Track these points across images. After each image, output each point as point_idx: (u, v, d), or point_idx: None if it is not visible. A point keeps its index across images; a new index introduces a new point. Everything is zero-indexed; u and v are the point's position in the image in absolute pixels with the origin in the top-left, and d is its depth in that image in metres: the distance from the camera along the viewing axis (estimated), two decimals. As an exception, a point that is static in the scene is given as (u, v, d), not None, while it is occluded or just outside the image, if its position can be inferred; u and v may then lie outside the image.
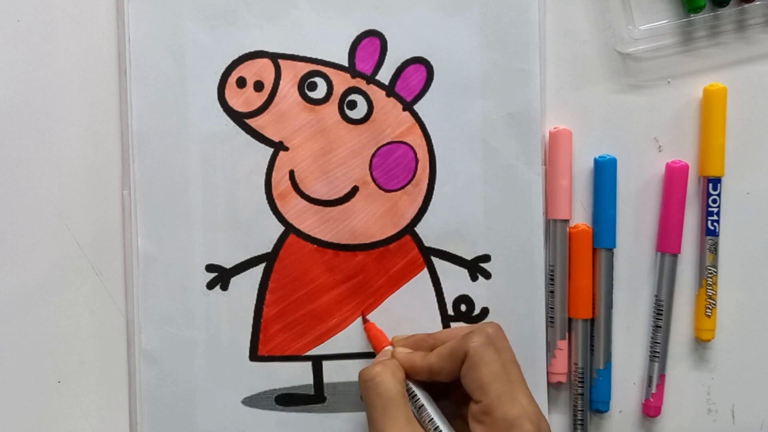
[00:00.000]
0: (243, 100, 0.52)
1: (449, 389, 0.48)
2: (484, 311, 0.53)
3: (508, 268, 0.53)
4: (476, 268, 0.53)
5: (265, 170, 0.52)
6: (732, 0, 0.52)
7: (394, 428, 0.44)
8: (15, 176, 0.52)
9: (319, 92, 0.52)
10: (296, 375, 0.53)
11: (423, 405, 0.47)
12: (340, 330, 0.53)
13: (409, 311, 0.53)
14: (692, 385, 0.55)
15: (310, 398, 0.53)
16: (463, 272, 0.53)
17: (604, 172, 0.53)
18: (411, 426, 0.45)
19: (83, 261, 0.52)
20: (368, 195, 0.53)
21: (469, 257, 0.53)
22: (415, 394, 0.47)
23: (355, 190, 0.53)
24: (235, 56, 0.52)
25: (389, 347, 0.50)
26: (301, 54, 0.52)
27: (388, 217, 0.53)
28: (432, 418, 0.46)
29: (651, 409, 0.54)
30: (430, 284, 0.53)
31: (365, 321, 0.52)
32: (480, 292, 0.53)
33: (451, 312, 0.53)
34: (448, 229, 0.53)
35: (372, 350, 0.52)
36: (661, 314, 0.53)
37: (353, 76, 0.52)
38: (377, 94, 0.52)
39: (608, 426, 0.55)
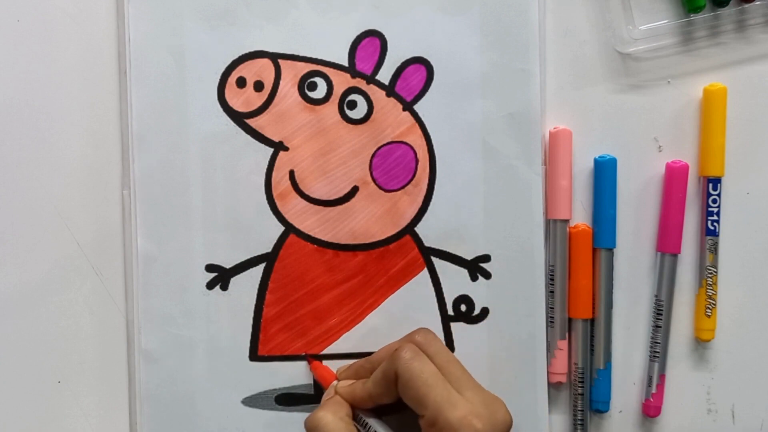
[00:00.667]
0: (243, 100, 0.52)
1: (403, 406, 0.47)
2: (484, 311, 0.53)
3: (508, 268, 0.53)
4: (476, 268, 0.53)
5: (265, 170, 0.52)
6: (732, 0, 0.52)
7: None
8: (15, 176, 0.52)
9: (319, 92, 0.52)
10: (296, 375, 0.53)
11: (371, 426, 0.47)
12: (340, 330, 0.53)
13: (409, 311, 0.53)
14: (692, 385, 0.55)
15: (310, 398, 0.53)
16: (463, 272, 0.53)
17: (604, 172, 0.53)
18: None
19: (83, 261, 0.52)
20: (368, 195, 0.53)
21: (469, 257, 0.53)
22: (366, 423, 0.47)
23: (355, 190, 0.53)
24: (235, 56, 0.52)
25: (334, 382, 0.50)
26: (301, 54, 0.52)
27: (388, 217, 0.53)
28: None
29: (651, 409, 0.54)
30: (430, 284, 0.53)
31: (310, 362, 0.52)
32: (480, 292, 0.53)
33: (451, 312, 0.53)
34: (448, 229, 0.53)
35: (371, 350, 0.52)
36: (661, 314, 0.53)
37: (353, 76, 0.52)
38: (377, 94, 0.52)
39: (608, 426, 0.55)
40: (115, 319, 0.53)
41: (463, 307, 0.53)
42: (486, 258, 0.53)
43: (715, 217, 0.53)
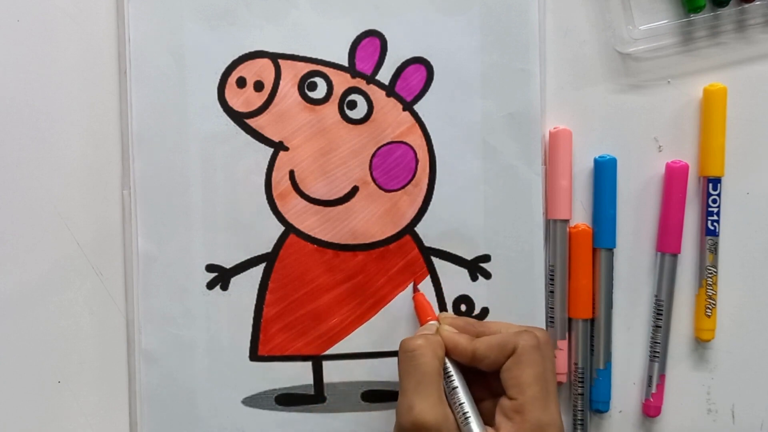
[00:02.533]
0: (243, 100, 0.52)
1: (479, 377, 0.48)
2: (484, 311, 0.53)
3: (508, 268, 0.53)
4: (476, 268, 0.53)
5: (265, 170, 0.52)
6: (732, 0, 0.52)
7: (424, 405, 0.44)
8: (15, 176, 0.52)
9: (319, 92, 0.52)
10: (296, 375, 0.53)
11: (457, 387, 0.47)
12: (340, 330, 0.53)
13: (409, 311, 0.53)
14: (692, 385, 0.55)
15: (310, 398, 0.53)
16: (463, 272, 0.53)
17: (604, 172, 0.53)
18: (441, 406, 0.45)
19: (83, 261, 0.52)
20: (368, 195, 0.53)
21: (469, 257, 0.53)
22: (451, 374, 0.47)
23: (355, 190, 0.53)
24: (235, 56, 0.52)
25: (434, 322, 0.50)
26: (301, 54, 0.52)
27: (388, 217, 0.53)
28: (462, 402, 0.46)
29: (651, 409, 0.54)
30: (430, 284, 0.53)
31: (415, 290, 0.52)
32: (480, 292, 0.53)
33: (451, 312, 0.53)
34: (448, 229, 0.53)
35: (372, 350, 0.52)
36: (661, 314, 0.53)
37: (353, 76, 0.52)
38: (377, 94, 0.52)
39: (608, 426, 0.55)
40: (115, 319, 0.53)
41: (463, 307, 0.53)
42: (486, 258, 0.53)
43: (715, 217, 0.53)
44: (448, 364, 0.47)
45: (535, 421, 0.44)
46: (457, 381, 0.47)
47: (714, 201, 0.53)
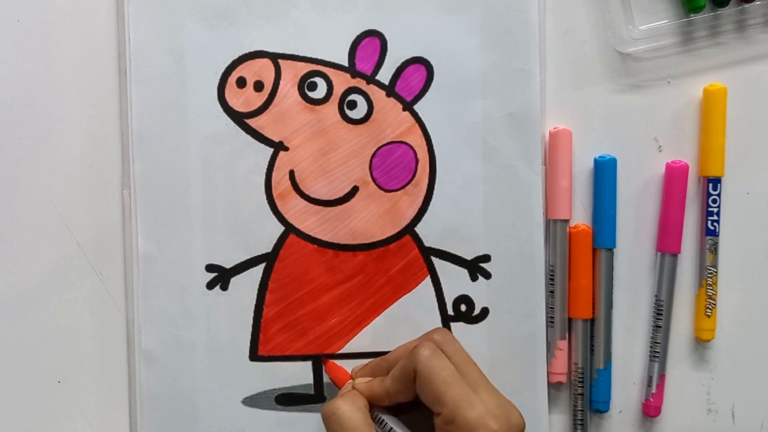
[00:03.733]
0: (243, 100, 0.52)
1: (417, 405, 0.47)
2: (484, 311, 0.53)
3: (508, 268, 0.53)
4: (476, 268, 0.53)
5: (265, 170, 0.52)
6: (732, 0, 0.52)
7: None
8: (15, 176, 0.52)
9: (319, 92, 0.52)
10: (296, 375, 0.53)
11: (392, 428, 0.47)
12: (340, 330, 0.53)
13: (409, 311, 0.53)
14: (692, 385, 0.55)
15: (310, 398, 0.53)
16: (463, 272, 0.53)
17: (604, 172, 0.53)
18: None
19: (83, 261, 0.52)
20: (368, 195, 0.53)
21: (469, 257, 0.53)
22: (382, 420, 0.47)
23: (355, 190, 0.53)
24: (235, 56, 0.52)
25: (349, 381, 0.50)
26: (301, 54, 0.52)
27: (388, 217, 0.53)
28: None
29: (651, 409, 0.54)
30: (430, 284, 0.53)
31: (324, 362, 0.52)
32: (480, 292, 0.53)
33: (451, 312, 0.53)
34: (448, 229, 0.53)
35: (372, 351, 0.52)
36: (661, 314, 0.53)
37: (353, 76, 0.52)
38: (377, 94, 0.52)
39: (608, 426, 0.55)
40: (115, 319, 0.53)
41: (463, 307, 0.53)
42: (486, 258, 0.53)
43: (715, 217, 0.53)
44: (376, 412, 0.47)
45: (465, 423, 0.43)
46: (390, 423, 0.47)
47: (714, 201, 0.53)
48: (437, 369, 0.44)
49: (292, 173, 0.52)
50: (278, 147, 0.52)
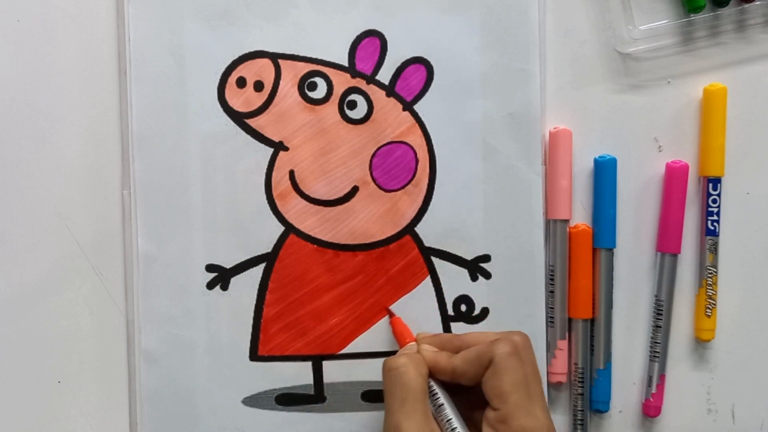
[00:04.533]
0: (243, 100, 0.52)
1: (465, 391, 0.48)
2: (484, 311, 0.53)
3: (508, 268, 0.53)
4: (476, 268, 0.53)
5: (265, 170, 0.52)
6: (732, 0, 0.52)
7: (411, 422, 0.44)
8: (15, 176, 0.52)
9: (319, 92, 0.52)
10: (296, 375, 0.53)
11: (443, 404, 0.47)
12: (340, 330, 0.53)
13: (408, 311, 0.53)
14: (692, 385, 0.55)
15: (310, 398, 0.53)
16: (463, 272, 0.53)
17: (604, 172, 0.53)
18: (428, 422, 0.45)
19: (83, 261, 0.52)
20: (368, 195, 0.53)
21: (469, 257, 0.53)
22: (436, 392, 0.47)
23: (355, 190, 0.53)
24: (235, 56, 0.52)
25: (413, 343, 0.50)
26: (301, 54, 0.52)
27: (388, 217, 0.53)
28: (450, 419, 0.46)
29: (651, 409, 0.54)
30: (430, 284, 0.53)
31: (391, 315, 0.52)
32: (480, 292, 0.53)
33: (451, 312, 0.53)
34: (448, 229, 0.53)
35: (372, 351, 0.52)
36: (661, 314, 0.53)
37: (353, 76, 0.52)
38: (377, 94, 0.52)
39: (608, 426, 0.55)
40: (115, 319, 0.53)
41: (463, 307, 0.53)
42: (486, 258, 0.53)
43: (715, 217, 0.53)
44: (432, 383, 0.47)
45: (519, 429, 0.44)
46: (442, 398, 0.47)
47: (714, 201, 0.53)
48: (512, 368, 0.45)
49: (292, 173, 0.52)
50: (278, 147, 0.52)
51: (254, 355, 0.52)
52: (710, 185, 0.53)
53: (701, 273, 0.54)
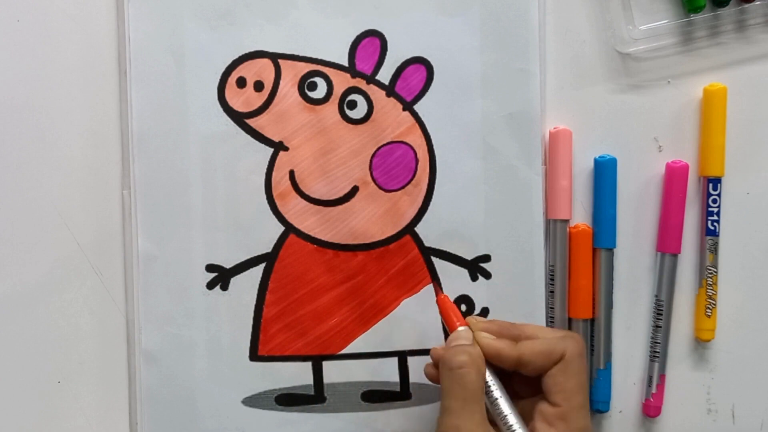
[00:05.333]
0: (243, 100, 0.52)
1: (509, 378, 0.47)
2: (484, 311, 0.53)
3: (508, 268, 0.53)
4: (476, 268, 0.53)
5: (265, 170, 0.52)
6: (732, 0, 0.52)
7: (470, 425, 0.44)
8: (15, 176, 0.52)
9: (319, 92, 0.52)
10: (296, 375, 0.53)
11: (499, 398, 0.46)
12: (340, 330, 0.53)
13: (409, 312, 0.53)
14: (692, 385, 0.55)
15: (310, 398, 0.53)
16: (463, 272, 0.53)
17: (604, 172, 0.53)
18: (485, 422, 0.44)
19: (83, 261, 0.52)
20: (368, 195, 0.53)
21: (469, 257, 0.53)
22: (492, 386, 0.46)
23: (355, 190, 0.53)
24: (235, 56, 0.52)
25: (464, 328, 0.47)
26: (301, 54, 0.52)
27: (388, 217, 0.53)
28: (507, 414, 0.45)
29: (651, 409, 0.54)
30: (430, 284, 0.53)
31: (438, 293, 0.50)
32: (480, 292, 0.53)
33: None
34: (448, 229, 0.53)
35: (373, 351, 0.52)
36: (661, 314, 0.53)
37: (353, 76, 0.52)
38: (377, 94, 0.52)
39: (608, 426, 0.55)
40: (115, 319, 0.53)
41: (463, 307, 0.53)
42: (486, 258, 0.53)
43: (715, 217, 0.53)
44: (489, 376, 0.46)
45: (578, 429, 0.45)
46: (498, 392, 0.46)
47: (714, 201, 0.53)
48: (581, 369, 0.46)
49: (292, 173, 0.52)
50: (278, 147, 0.52)
51: (254, 355, 0.52)
52: (710, 185, 0.53)
53: (701, 273, 0.54)
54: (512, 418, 0.45)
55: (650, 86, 0.54)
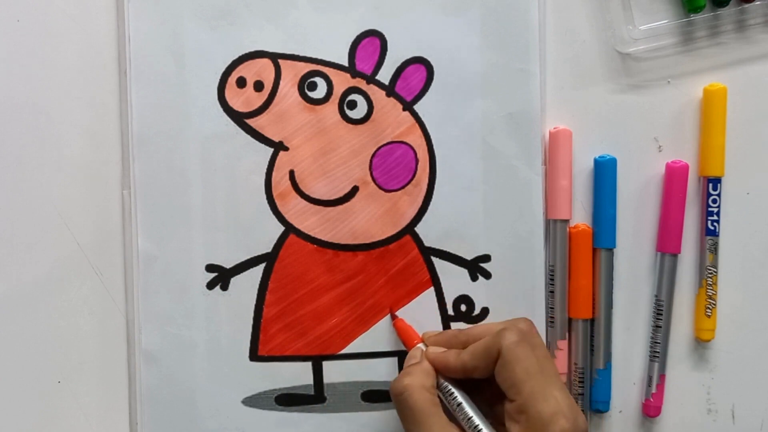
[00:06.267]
0: (243, 100, 0.52)
1: (482, 386, 0.48)
2: (484, 311, 0.53)
3: (508, 268, 0.53)
4: (476, 268, 0.53)
5: (265, 170, 0.52)
6: (732, 0, 0.52)
7: None
8: (15, 176, 0.52)
9: (319, 92, 0.52)
10: (296, 375, 0.53)
11: (461, 403, 0.47)
12: (340, 330, 0.53)
13: (408, 311, 0.53)
14: (692, 385, 0.55)
15: (310, 398, 0.53)
16: (463, 272, 0.53)
17: (604, 172, 0.53)
18: (447, 429, 0.45)
19: (83, 261, 0.52)
20: (368, 195, 0.53)
21: (469, 257, 0.53)
22: (452, 392, 0.47)
23: (355, 190, 0.53)
24: (235, 56, 0.52)
25: (420, 345, 0.50)
26: (301, 54, 0.52)
27: (388, 217, 0.53)
28: (470, 416, 0.46)
29: (651, 409, 0.54)
30: (430, 284, 0.53)
31: (394, 317, 0.52)
32: (480, 292, 0.53)
33: (451, 312, 0.53)
34: (448, 229, 0.53)
35: (373, 351, 0.52)
36: (661, 314, 0.53)
37: (353, 76, 0.52)
38: (377, 94, 0.52)
39: (608, 426, 0.55)
40: (115, 319, 0.53)
41: (463, 307, 0.53)
42: (486, 258, 0.53)
43: (715, 217, 0.53)
44: (447, 384, 0.47)
45: (538, 417, 0.43)
46: (459, 397, 0.47)
47: (714, 201, 0.53)
48: (522, 357, 0.45)
49: (292, 173, 0.52)
50: (278, 147, 0.52)
51: (254, 355, 0.52)
52: (710, 185, 0.53)
53: (701, 273, 0.54)
54: (476, 419, 0.46)
55: (650, 86, 0.54)
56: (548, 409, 0.43)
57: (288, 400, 0.53)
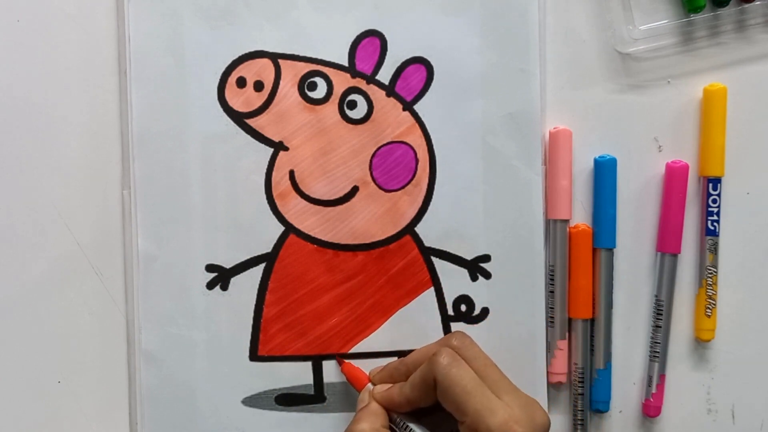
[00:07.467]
0: (243, 100, 0.52)
1: (437, 409, 0.47)
2: (484, 311, 0.53)
3: (508, 268, 0.53)
4: (476, 268, 0.53)
5: (265, 170, 0.52)
6: (732, 0, 0.52)
7: None
8: (15, 176, 0.52)
9: (319, 92, 0.52)
10: (296, 375, 0.53)
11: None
12: (340, 330, 0.53)
13: (408, 312, 0.53)
14: (692, 385, 0.55)
15: (310, 398, 0.53)
16: (463, 272, 0.53)
17: (604, 172, 0.53)
18: None
19: (83, 261, 0.52)
20: (368, 195, 0.53)
21: (469, 257, 0.53)
22: (407, 426, 0.47)
23: (355, 190, 0.53)
24: (235, 56, 0.52)
25: (369, 385, 0.50)
26: (301, 54, 0.52)
27: (388, 217, 0.53)
28: None
29: (651, 409, 0.54)
30: (430, 284, 0.53)
31: (340, 363, 0.52)
32: (480, 292, 0.53)
33: (451, 312, 0.53)
34: (448, 229, 0.53)
35: (373, 351, 0.52)
36: (661, 314, 0.53)
37: (353, 76, 0.52)
38: (377, 94, 0.52)
39: (608, 426, 0.55)
40: (115, 319, 0.53)
41: (463, 307, 0.53)
42: (486, 258, 0.53)
43: (715, 217, 0.53)
44: (398, 418, 0.47)
45: (488, 431, 0.43)
46: (415, 429, 0.47)
47: (714, 201, 0.53)
48: (457, 378, 0.44)
49: (292, 173, 0.52)
50: (278, 147, 0.52)
51: (254, 355, 0.52)
52: (710, 185, 0.53)
53: (701, 273, 0.54)
54: None
55: (650, 86, 0.54)
56: (496, 421, 0.43)
57: (288, 400, 0.53)
